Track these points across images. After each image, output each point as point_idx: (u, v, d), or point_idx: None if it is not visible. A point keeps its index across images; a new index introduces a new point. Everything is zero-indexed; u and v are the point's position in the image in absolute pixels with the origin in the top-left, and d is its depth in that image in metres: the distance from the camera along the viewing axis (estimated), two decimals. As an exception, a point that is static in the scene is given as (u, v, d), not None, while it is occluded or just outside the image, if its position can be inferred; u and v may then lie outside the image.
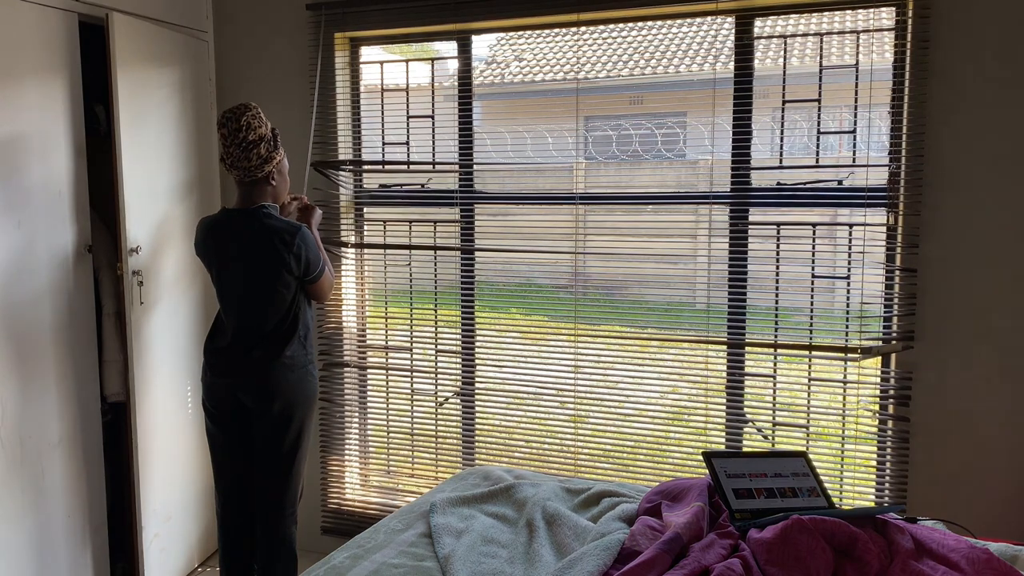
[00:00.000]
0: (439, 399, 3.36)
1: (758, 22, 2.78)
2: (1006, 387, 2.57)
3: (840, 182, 2.75)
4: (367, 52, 3.37)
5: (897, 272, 2.67)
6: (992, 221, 2.54)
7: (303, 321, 2.64)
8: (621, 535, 1.80)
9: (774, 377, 2.89)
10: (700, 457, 2.19)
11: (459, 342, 3.30)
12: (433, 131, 3.26)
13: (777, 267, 2.85)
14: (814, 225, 2.82)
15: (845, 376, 2.79)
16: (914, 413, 2.67)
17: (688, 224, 3.20)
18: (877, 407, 2.76)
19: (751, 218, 2.83)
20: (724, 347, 2.91)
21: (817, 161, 2.78)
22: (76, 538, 2.89)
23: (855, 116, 2.72)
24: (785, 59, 2.80)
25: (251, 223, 2.57)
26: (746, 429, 2.93)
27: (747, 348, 2.90)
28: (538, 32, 3.44)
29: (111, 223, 2.99)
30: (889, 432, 2.72)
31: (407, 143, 3.31)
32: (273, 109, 3.40)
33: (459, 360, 3.31)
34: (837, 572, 1.65)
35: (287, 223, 2.58)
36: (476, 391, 3.30)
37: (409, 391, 3.42)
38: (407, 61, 3.32)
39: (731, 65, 2.81)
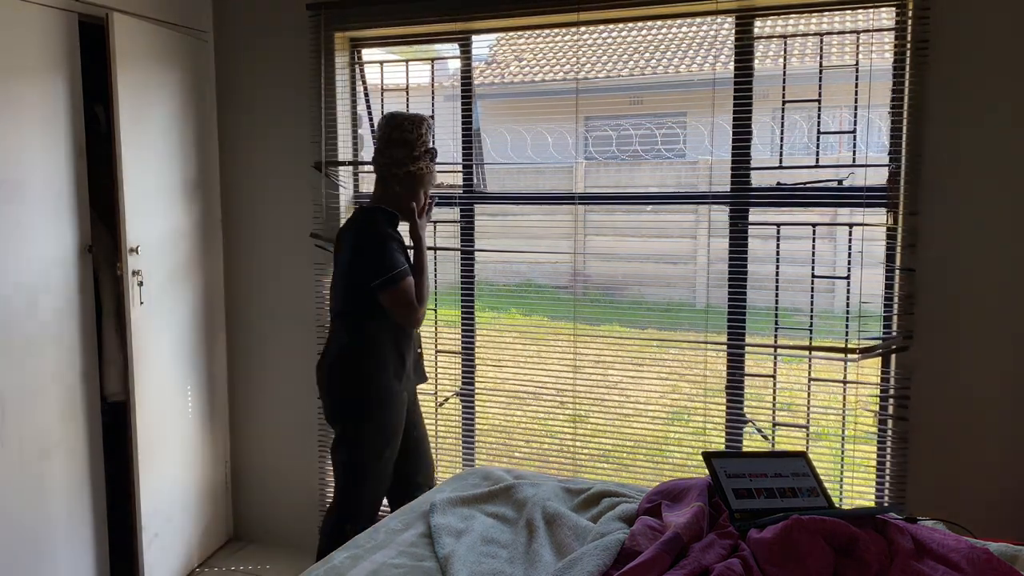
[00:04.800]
0: (439, 399, 3.36)
1: (758, 22, 2.77)
2: (1006, 387, 2.57)
3: (840, 182, 2.75)
4: (367, 52, 3.37)
5: (897, 272, 2.67)
6: (992, 221, 2.54)
7: None
8: (621, 535, 1.80)
9: (774, 377, 2.89)
10: (700, 457, 2.19)
11: (459, 342, 3.30)
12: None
13: (777, 267, 2.85)
14: (814, 225, 2.82)
15: (845, 376, 2.79)
16: (914, 413, 2.67)
17: (688, 224, 3.21)
18: (877, 407, 2.76)
19: (751, 218, 2.83)
20: (724, 347, 2.91)
21: (817, 161, 2.78)
22: (76, 538, 2.89)
23: (855, 116, 2.72)
24: (785, 59, 2.80)
25: (357, 218, 2.66)
26: (746, 429, 2.93)
27: (747, 348, 2.90)
28: (538, 32, 3.44)
29: (111, 223, 2.99)
30: (889, 432, 2.72)
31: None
32: (273, 109, 3.41)
33: (459, 360, 3.31)
34: (837, 572, 1.65)
35: (364, 223, 2.60)
36: (476, 391, 3.30)
37: (409, 391, 3.42)
38: (407, 61, 3.32)
39: (731, 65, 2.81)
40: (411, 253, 2.67)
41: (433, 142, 2.69)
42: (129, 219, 2.93)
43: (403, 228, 2.71)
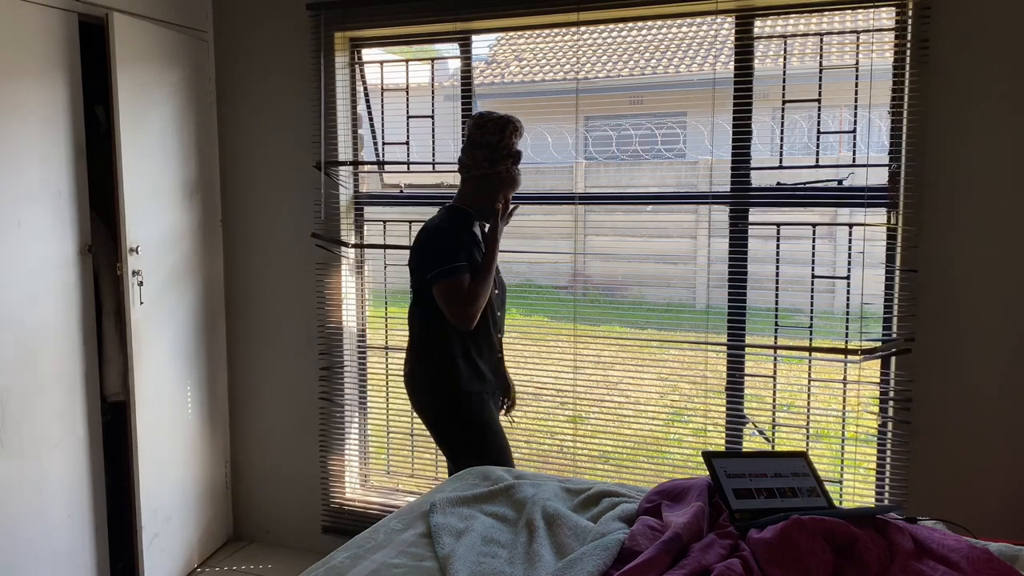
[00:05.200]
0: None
1: (758, 22, 2.77)
2: (1007, 387, 2.57)
3: (840, 182, 2.75)
4: (367, 52, 3.37)
5: (897, 272, 2.67)
6: (993, 221, 2.53)
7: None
8: (621, 535, 1.80)
9: (774, 378, 2.89)
10: (700, 457, 2.19)
11: (459, 342, 3.30)
12: (433, 131, 3.26)
13: (777, 267, 2.84)
14: (814, 225, 2.81)
15: (845, 377, 2.79)
16: (915, 414, 2.67)
17: (688, 224, 3.20)
18: (877, 408, 2.76)
19: (751, 218, 2.83)
20: (724, 347, 2.91)
21: (817, 161, 2.78)
22: (76, 538, 2.88)
23: (855, 116, 2.72)
24: (785, 59, 2.80)
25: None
26: (746, 429, 2.93)
27: (747, 348, 2.89)
28: (538, 32, 3.44)
29: (111, 223, 2.99)
30: (889, 433, 2.72)
31: (407, 143, 3.31)
32: (273, 109, 3.41)
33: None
34: (837, 572, 1.65)
35: (436, 219, 2.57)
36: (476, 391, 3.29)
37: (409, 391, 3.42)
38: (407, 61, 3.32)
39: (731, 65, 2.81)
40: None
41: (518, 144, 2.59)
42: (129, 219, 2.93)
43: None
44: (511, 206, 2.64)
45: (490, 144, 2.53)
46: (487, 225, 2.62)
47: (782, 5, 2.71)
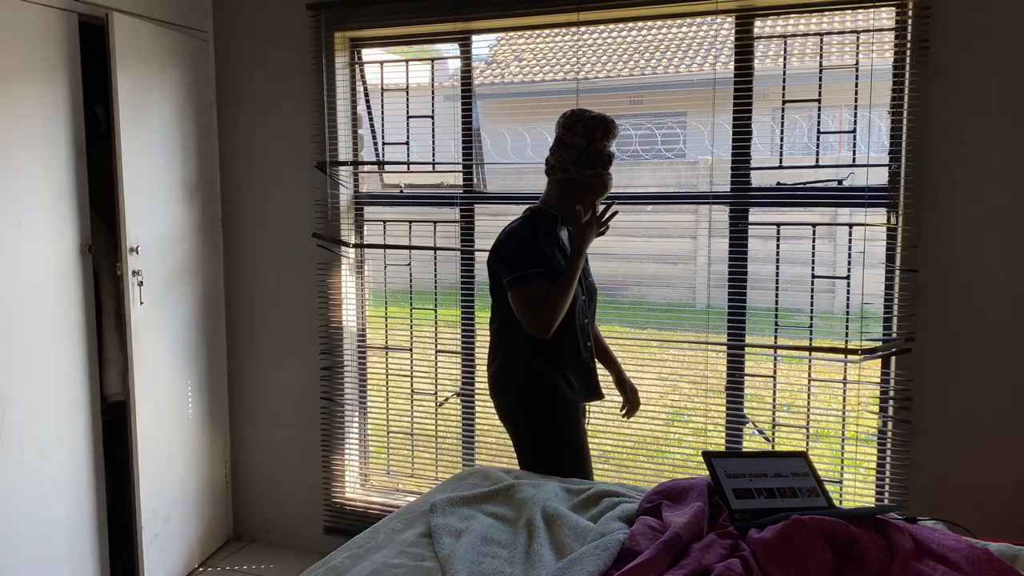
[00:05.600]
0: (439, 399, 3.36)
1: (758, 22, 2.77)
2: (1007, 387, 2.57)
3: (840, 182, 2.75)
4: (367, 52, 3.37)
5: (897, 272, 2.66)
6: (993, 221, 2.53)
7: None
8: (621, 535, 1.80)
9: (774, 377, 2.89)
10: (700, 457, 2.19)
11: (459, 342, 3.30)
12: (433, 131, 3.26)
13: (777, 267, 2.84)
14: (814, 225, 2.81)
15: (845, 376, 2.79)
16: (915, 414, 2.67)
17: (688, 224, 3.20)
18: (878, 407, 2.76)
19: (751, 218, 2.83)
20: (724, 347, 2.91)
21: (817, 161, 2.78)
22: (76, 538, 2.89)
23: (855, 116, 2.72)
24: (785, 59, 2.80)
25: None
26: (746, 429, 2.93)
27: (747, 348, 2.89)
28: (538, 32, 3.44)
29: (111, 223, 2.99)
30: (889, 432, 2.72)
31: (407, 143, 3.31)
32: (273, 109, 3.41)
33: (459, 360, 3.31)
34: (837, 572, 1.65)
35: (517, 222, 2.46)
36: (476, 391, 3.30)
37: (409, 391, 3.42)
38: (407, 61, 3.32)
39: (731, 65, 2.81)
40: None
41: (611, 145, 2.40)
42: (129, 219, 2.93)
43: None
44: (609, 210, 2.41)
45: (578, 147, 2.36)
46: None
47: (782, 5, 2.71)
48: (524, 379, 2.44)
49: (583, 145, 2.36)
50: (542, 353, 2.40)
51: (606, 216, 2.40)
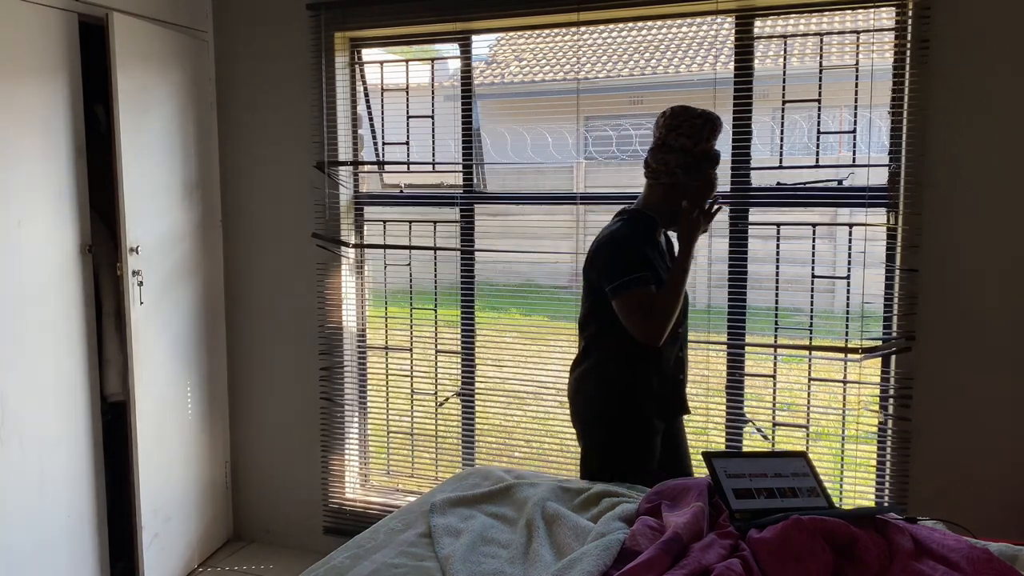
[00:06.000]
0: (439, 399, 3.36)
1: (758, 22, 2.77)
2: (1007, 387, 2.57)
3: (840, 182, 2.75)
4: (367, 52, 3.38)
5: (897, 272, 2.67)
6: (993, 220, 2.53)
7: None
8: (621, 535, 1.80)
9: (774, 377, 2.89)
10: (700, 457, 2.18)
11: (459, 342, 3.30)
12: (433, 131, 3.26)
13: (777, 267, 2.85)
14: (814, 225, 2.82)
15: (845, 376, 2.79)
16: (915, 413, 2.67)
17: (688, 224, 3.20)
18: (878, 407, 2.76)
19: (751, 218, 2.83)
20: (724, 347, 2.91)
21: (817, 161, 2.78)
22: (76, 538, 2.89)
23: (855, 116, 2.72)
24: (785, 59, 2.80)
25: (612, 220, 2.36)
26: (746, 429, 2.93)
27: (747, 348, 2.90)
28: (538, 32, 3.44)
29: (111, 223, 2.99)
30: (890, 432, 2.72)
31: (407, 143, 3.31)
32: (273, 109, 3.41)
33: (459, 360, 3.31)
34: (837, 572, 1.65)
35: (616, 226, 2.31)
36: (476, 391, 3.30)
37: (409, 391, 3.43)
38: (407, 61, 3.32)
39: (731, 65, 2.81)
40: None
41: (716, 143, 2.28)
42: (129, 219, 2.93)
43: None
44: (715, 207, 2.32)
45: (684, 148, 2.21)
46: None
47: (782, 5, 2.71)
48: (607, 390, 2.30)
49: (689, 146, 2.21)
50: (633, 363, 2.27)
51: (713, 213, 2.31)
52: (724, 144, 2.83)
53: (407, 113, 3.29)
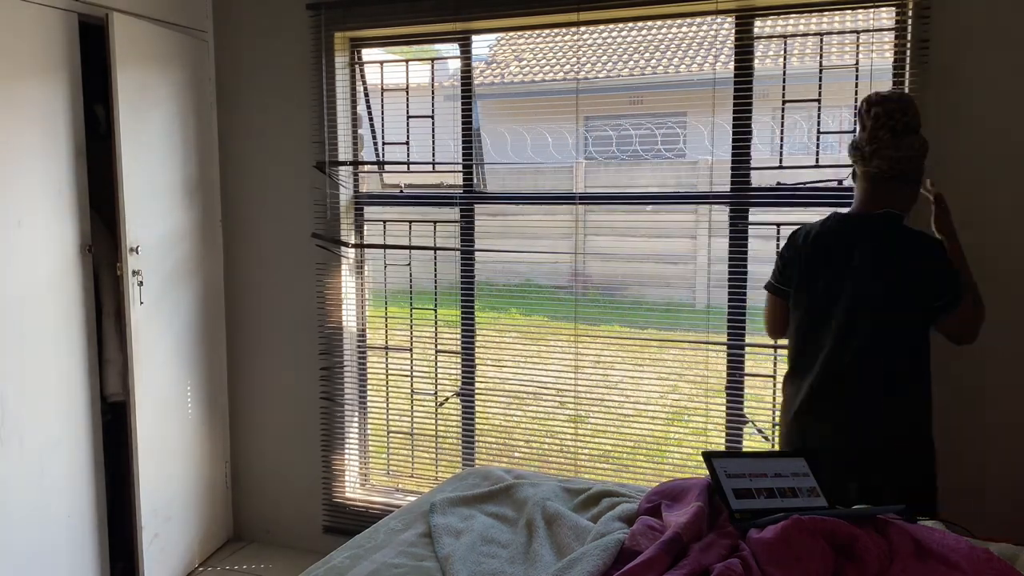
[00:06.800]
0: (439, 399, 3.36)
1: (758, 22, 2.77)
2: (1007, 387, 2.56)
3: (840, 182, 2.75)
4: (367, 52, 3.37)
5: (897, 272, 2.66)
6: (993, 220, 2.53)
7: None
8: (621, 535, 1.80)
9: (774, 377, 2.89)
10: (700, 457, 2.18)
11: (459, 342, 3.30)
12: (433, 131, 3.26)
13: (777, 267, 2.84)
14: (814, 225, 2.81)
15: (845, 376, 2.78)
16: (914, 413, 2.66)
17: (688, 224, 3.20)
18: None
19: (751, 218, 2.83)
20: (724, 347, 2.91)
21: (817, 161, 2.78)
22: (76, 538, 2.88)
23: (855, 116, 2.71)
24: (785, 59, 2.80)
25: (886, 228, 2.14)
26: (746, 429, 2.93)
27: (747, 348, 2.89)
28: (538, 32, 3.44)
29: (111, 223, 2.99)
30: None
31: (407, 143, 3.31)
32: (273, 109, 3.41)
33: (459, 360, 3.31)
34: (837, 572, 1.65)
35: (918, 232, 2.15)
36: (476, 391, 3.30)
37: (409, 391, 3.43)
38: (407, 61, 3.32)
39: (731, 65, 2.81)
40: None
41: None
42: (129, 219, 2.93)
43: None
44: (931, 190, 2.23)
45: (919, 131, 2.11)
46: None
47: (782, 5, 2.71)
48: (929, 415, 2.18)
49: (919, 126, 2.12)
50: (927, 389, 2.17)
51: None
52: (723, 144, 2.83)
53: (407, 113, 3.29)
